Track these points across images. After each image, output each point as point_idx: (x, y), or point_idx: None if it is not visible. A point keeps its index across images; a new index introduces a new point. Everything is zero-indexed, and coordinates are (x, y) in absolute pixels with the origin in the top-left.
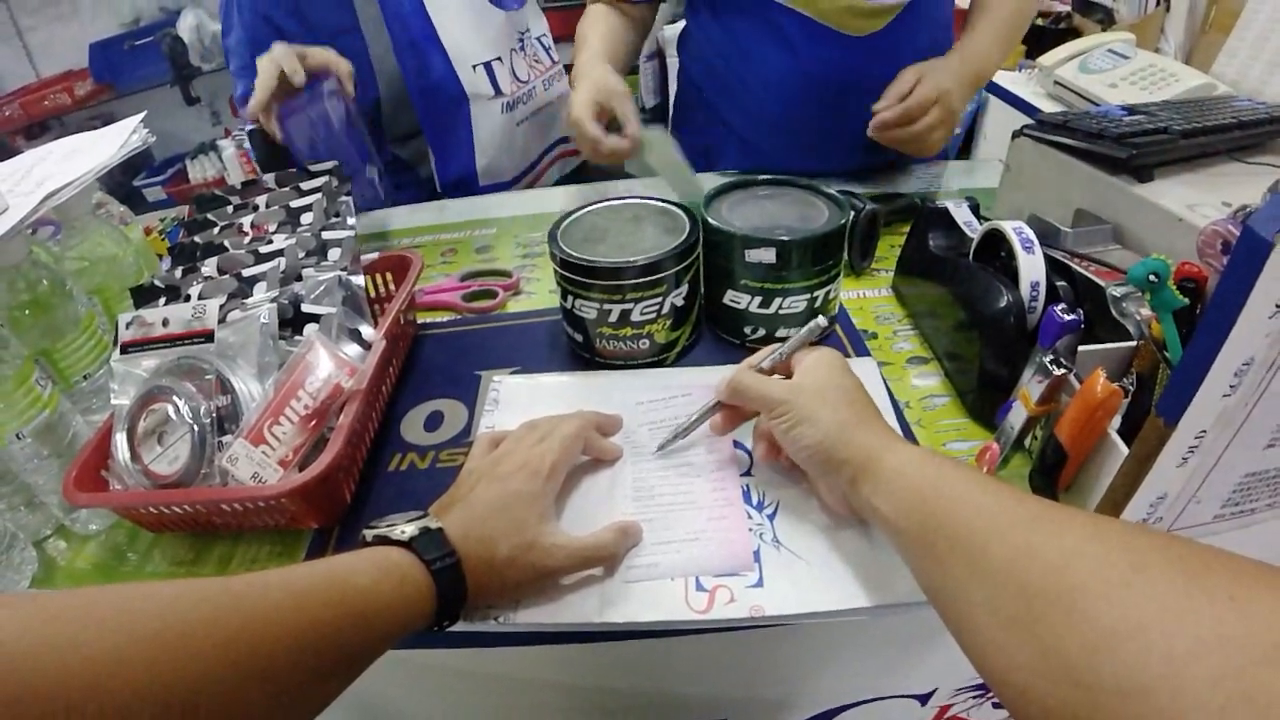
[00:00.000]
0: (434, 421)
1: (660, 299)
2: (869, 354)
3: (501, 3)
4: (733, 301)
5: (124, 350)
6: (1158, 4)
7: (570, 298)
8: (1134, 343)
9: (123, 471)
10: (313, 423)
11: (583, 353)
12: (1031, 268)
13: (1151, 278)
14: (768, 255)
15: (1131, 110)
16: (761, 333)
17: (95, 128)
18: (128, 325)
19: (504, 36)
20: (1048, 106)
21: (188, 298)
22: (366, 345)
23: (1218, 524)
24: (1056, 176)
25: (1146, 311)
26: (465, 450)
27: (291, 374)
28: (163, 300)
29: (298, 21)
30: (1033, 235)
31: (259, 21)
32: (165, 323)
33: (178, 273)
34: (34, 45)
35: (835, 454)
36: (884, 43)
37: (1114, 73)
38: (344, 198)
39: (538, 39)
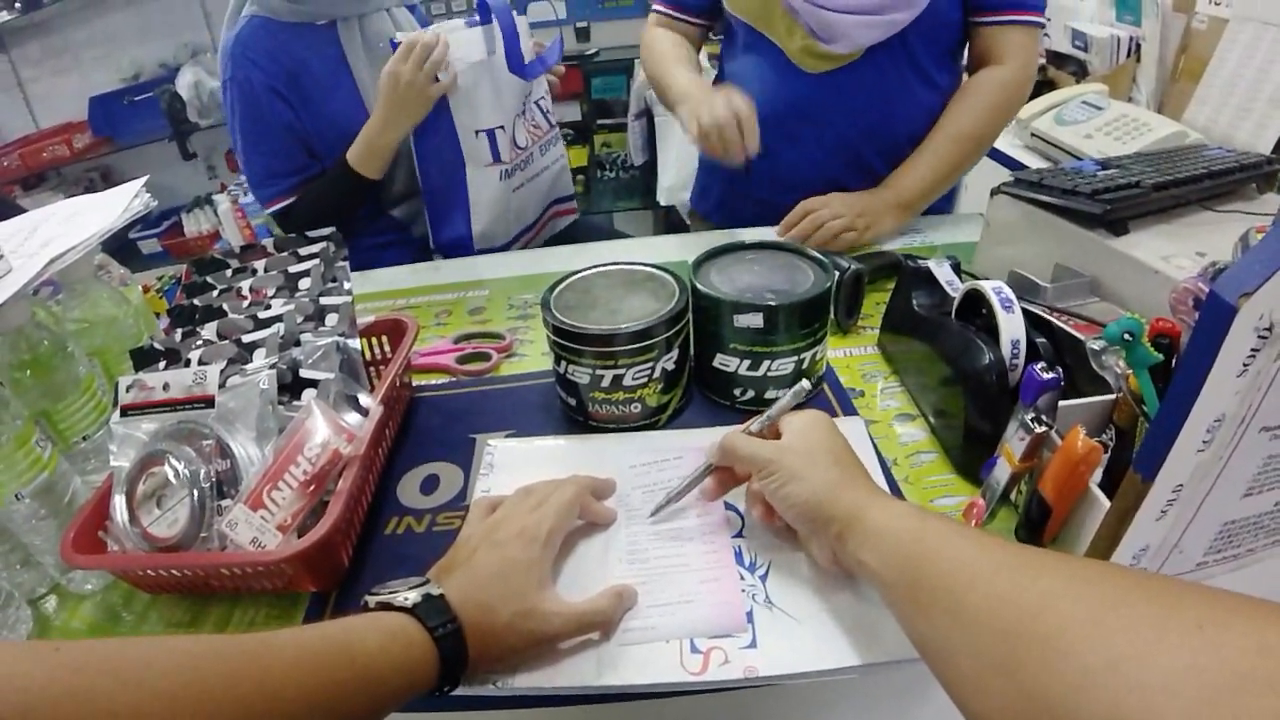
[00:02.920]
0: (430, 484)
1: (651, 364)
2: (856, 413)
3: (523, 72)
4: (722, 365)
5: (124, 413)
6: (1129, 55)
7: (563, 363)
8: (1113, 396)
9: (121, 534)
10: (311, 488)
11: (575, 416)
12: (1011, 326)
13: (1126, 335)
14: (756, 320)
15: (1105, 164)
16: (751, 394)
17: (92, 180)
18: (128, 389)
19: (513, 103)
20: (1026, 158)
21: (187, 362)
22: (363, 410)
23: (1202, 570)
24: (1035, 232)
25: (1124, 365)
26: (461, 514)
27: (290, 439)
28: (162, 364)
29: (292, 84)
30: (1012, 295)
31: (254, 74)
32: (166, 387)
33: (177, 335)
34: (34, 96)
35: (823, 511)
36: (831, 83)
37: (1089, 124)
38: (341, 263)
39: (537, 102)
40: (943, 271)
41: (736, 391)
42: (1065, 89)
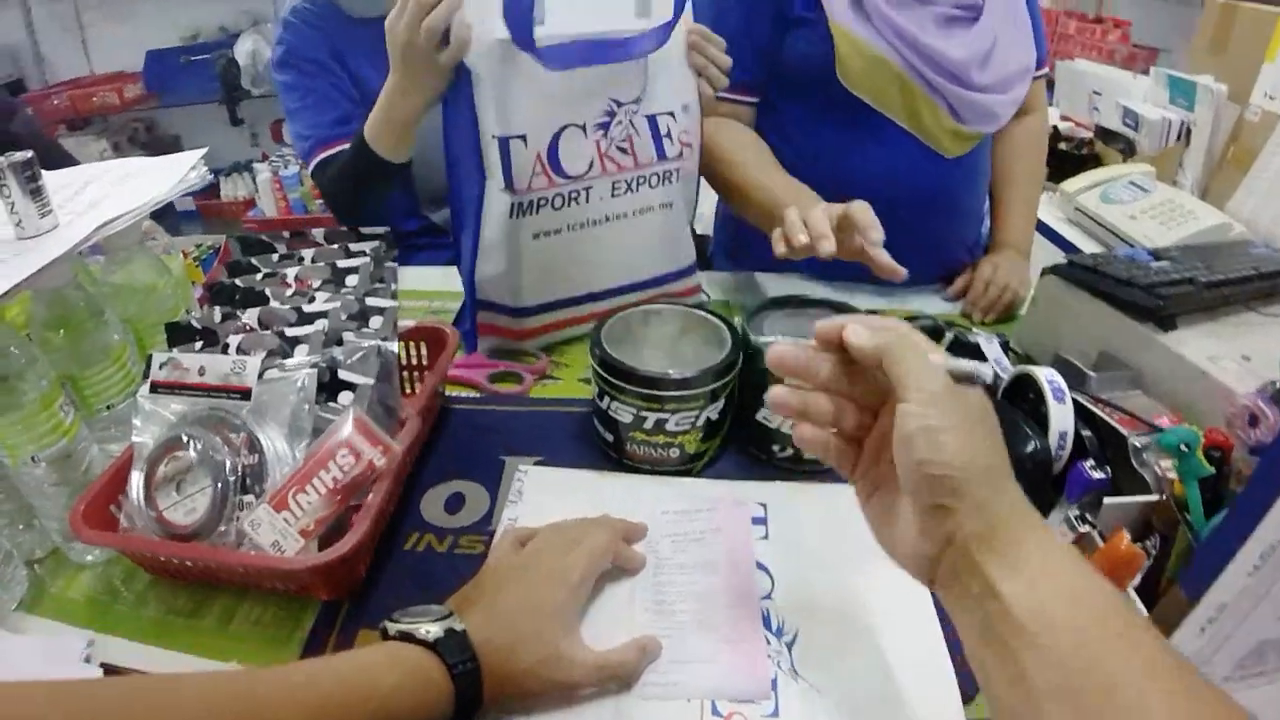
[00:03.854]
0: (455, 503)
1: (697, 412)
2: None
3: (546, 62)
4: (765, 419)
5: (154, 389)
6: (1178, 138)
7: (606, 398)
8: (1155, 497)
9: (134, 511)
10: (339, 497)
11: (610, 452)
12: (1062, 418)
13: (1183, 446)
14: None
15: (1157, 255)
16: (790, 452)
17: (136, 130)
18: (161, 366)
19: (565, 105)
20: (1067, 231)
21: (225, 347)
22: (397, 417)
23: (1227, 684)
24: (1083, 317)
25: (1167, 464)
26: (486, 539)
27: (324, 444)
28: (199, 344)
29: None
30: (1064, 386)
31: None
32: (201, 371)
33: (215, 315)
34: (91, 40)
35: (968, 492)
36: (970, 162)
37: (1134, 205)
38: (390, 264)
39: (652, 116)
40: (992, 349)
41: (775, 448)
42: (1112, 167)
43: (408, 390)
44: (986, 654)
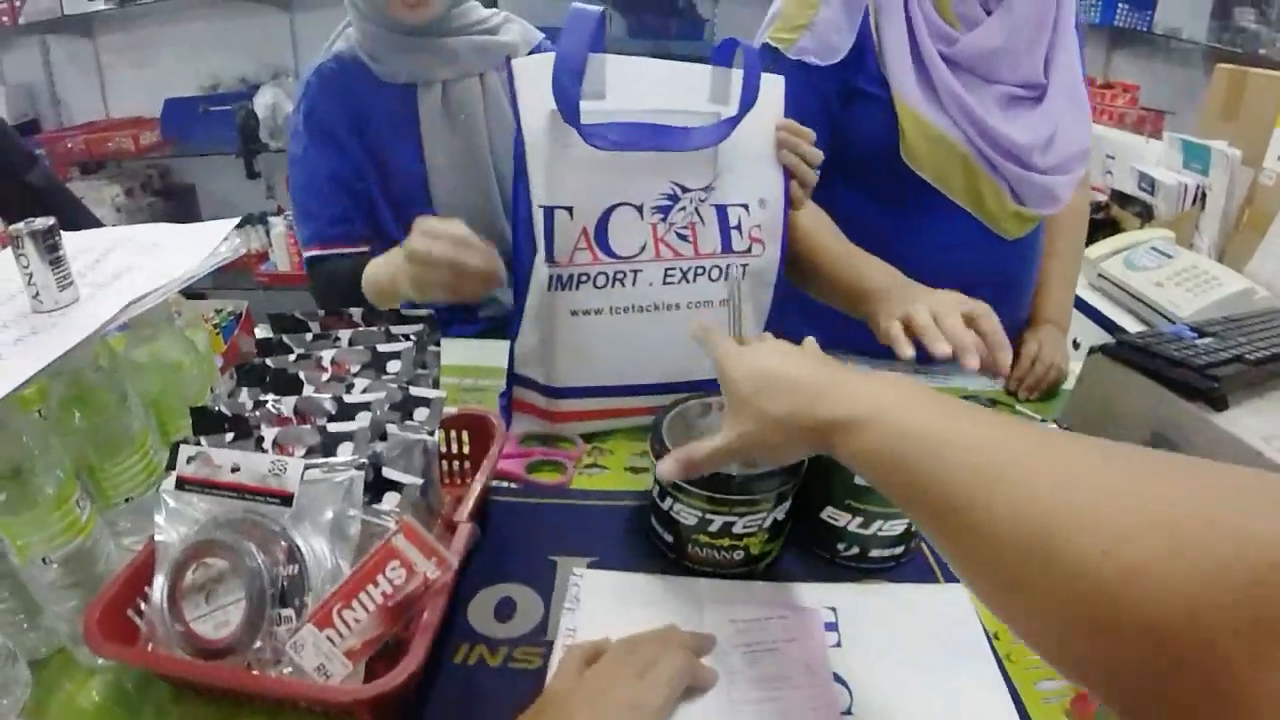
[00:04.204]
0: (505, 609)
1: (765, 514)
2: (957, 580)
3: (590, 139)
4: (830, 518)
5: (180, 484)
6: (1194, 202)
7: (668, 499)
8: None
9: (157, 619)
10: (390, 615)
11: (669, 553)
12: None
13: None
14: None
15: (1201, 331)
16: (855, 550)
17: (150, 177)
18: (189, 460)
19: (621, 182)
20: (1090, 297)
21: (259, 440)
22: (438, 516)
23: None
24: (1134, 397)
25: None
26: (542, 650)
27: (373, 556)
28: (229, 434)
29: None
30: None
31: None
32: (235, 469)
33: (245, 399)
34: (110, 83)
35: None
36: (1028, 243)
37: (1159, 271)
38: (434, 347)
39: (723, 206)
40: None
41: (840, 546)
42: (1133, 232)
43: (445, 481)
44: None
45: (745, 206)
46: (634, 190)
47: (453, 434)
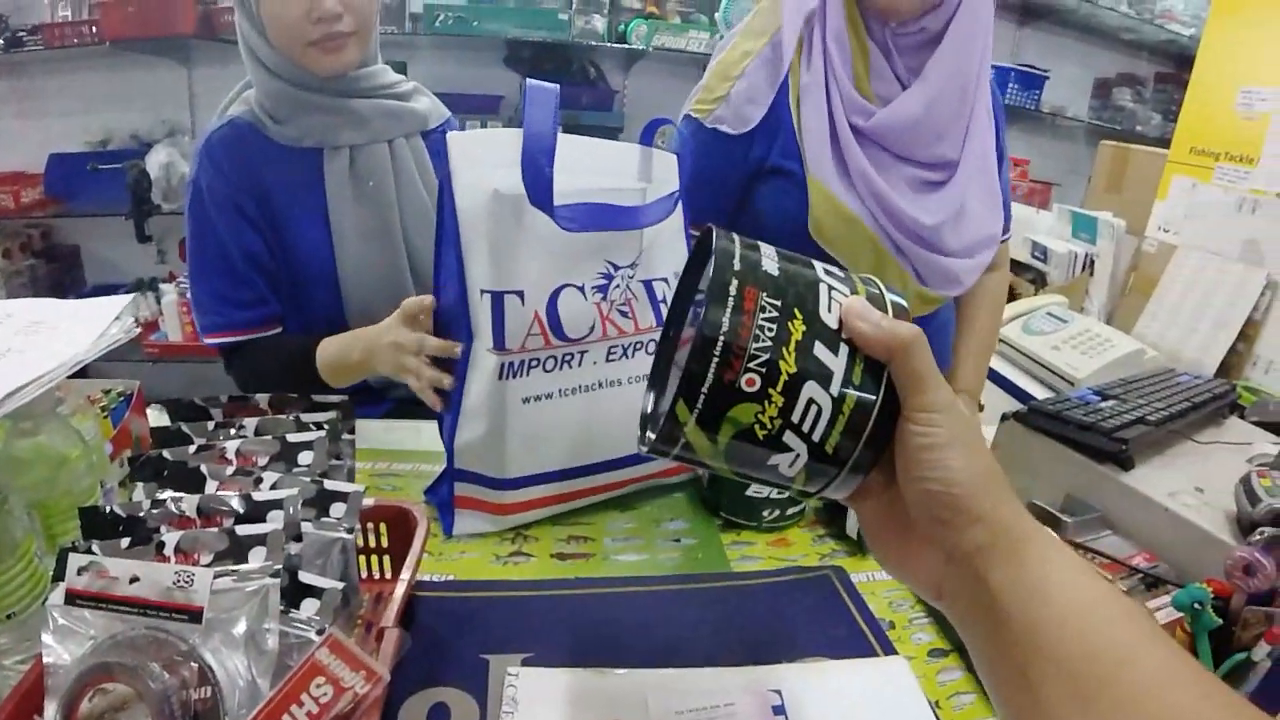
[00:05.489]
0: (439, 716)
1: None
2: (896, 651)
3: (560, 221)
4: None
5: (69, 598)
6: (1084, 269)
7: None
8: None
9: None
10: None
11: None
12: None
13: (1196, 605)
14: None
15: (1103, 395)
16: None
17: (30, 238)
18: (80, 570)
19: (566, 263)
20: (991, 361)
21: (159, 545)
22: (356, 618)
23: None
24: (1047, 462)
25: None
26: None
27: (296, 674)
28: (125, 538)
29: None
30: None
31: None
32: (134, 581)
33: (141, 496)
34: None
35: (970, 507)
36: (934, 322)
37: (1055, 335)
38: (348, 435)
39: (649, 281)
40: None
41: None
42: (1029, 299)
43: (362, 577)
44: (995, 666)
45: (665, 280)
46: (576, 271)
47: (369, 526)
